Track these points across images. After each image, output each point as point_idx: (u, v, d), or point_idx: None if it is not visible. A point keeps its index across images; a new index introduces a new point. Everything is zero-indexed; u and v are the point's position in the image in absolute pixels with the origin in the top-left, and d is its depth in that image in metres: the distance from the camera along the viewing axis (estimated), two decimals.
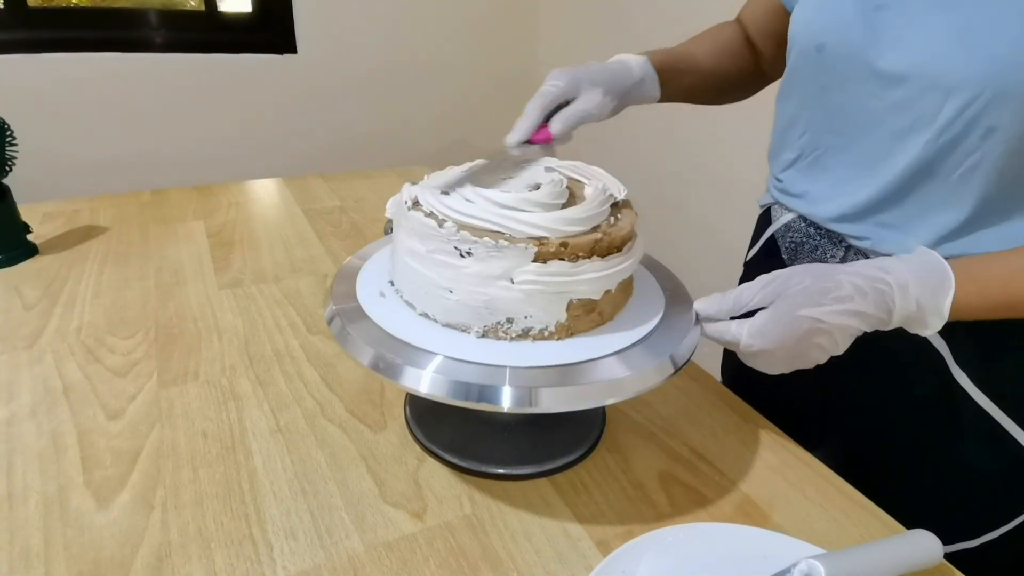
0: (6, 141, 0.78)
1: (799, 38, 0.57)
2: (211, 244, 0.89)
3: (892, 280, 0.44)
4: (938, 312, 0.44)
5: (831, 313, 0.43)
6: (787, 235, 0.65)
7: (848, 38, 0.51)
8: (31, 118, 1.36)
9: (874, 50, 0.50)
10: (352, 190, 1.13)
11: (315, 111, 1.97)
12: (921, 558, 0.40)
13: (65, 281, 0.77)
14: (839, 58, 0.52)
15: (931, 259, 0.45)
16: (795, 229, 0.63)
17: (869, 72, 0.50)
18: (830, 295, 0.43)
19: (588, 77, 0.58)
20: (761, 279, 0.46)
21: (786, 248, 0.65)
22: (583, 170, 0.54)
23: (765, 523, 0.48)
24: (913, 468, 0.58)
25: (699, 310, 0.49)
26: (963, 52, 0.45)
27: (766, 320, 0.45)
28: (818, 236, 0.61)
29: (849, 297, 0.43)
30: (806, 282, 0.44)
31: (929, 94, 0.47)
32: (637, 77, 0.62)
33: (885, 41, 0.49)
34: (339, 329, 0.47)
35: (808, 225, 0.62)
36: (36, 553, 0.43)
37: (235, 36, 1.85)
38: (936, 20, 0.46)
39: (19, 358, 0.63)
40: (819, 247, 0.61)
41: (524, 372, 0.42)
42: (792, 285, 0.45)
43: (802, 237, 0.62)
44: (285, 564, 0.43)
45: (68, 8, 1.72)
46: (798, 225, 0.63)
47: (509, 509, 0.48)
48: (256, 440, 0.54)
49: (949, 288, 0.43)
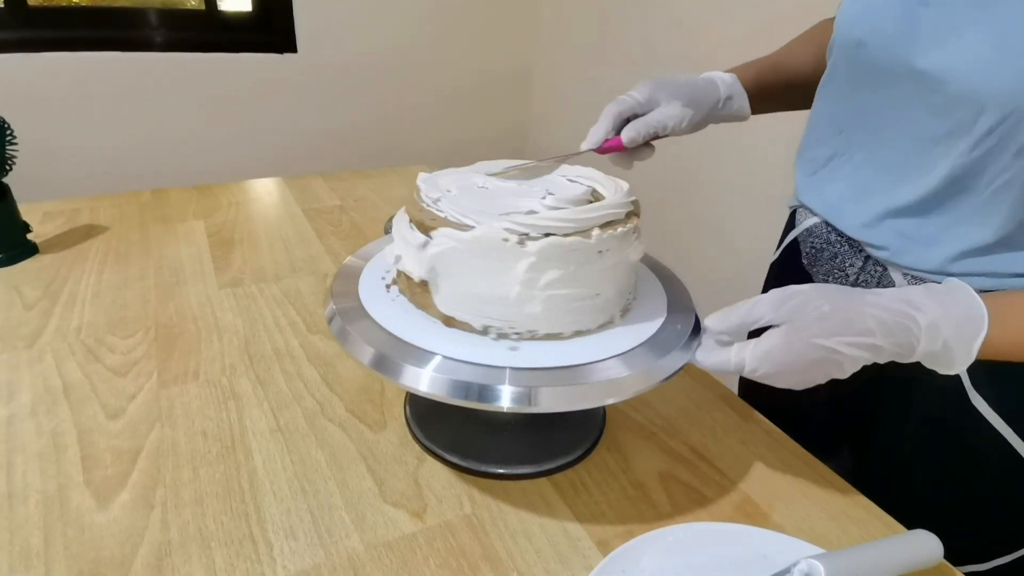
0: (6, 140, 0.78)
1: (841, 32, 0.55)
2: (211, 243, 0.89)
3: (921, 319, 0.40)
4: (966, 354, 0.40)
5: (848, 345, 0.40)
6: (808, 240, 0.63)
7: (888, 33, 0.49)
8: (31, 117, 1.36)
9: (914, 48, 0.47)
10: (352, 189, 1.13)
11: (315, 111, 1.97)
12: (921, 558, 0.40)
13: (65, 280, 0.77)
14: (879, 54, 0.51)
15: (964, 296, 0.41)
16: (816, 234, 0.62)
17: (908, 71, 0.48)
18: (850, 327, 0.40)
19: (670, 89, 0.58)
20: (774, 296, 0.43)
21: (806, 253, 0.64)
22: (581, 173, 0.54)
23: (765, 523, 0.48)
24: (926, 487, 0.56)
25: (708, 326, 0.46)
26: (998, 62, 0.43)
27: (775, 344, 0.41)
28: (839, 243, 0.59)
29: (870, 331, 0.40)
30: (824, 308, 0.41)
31: (966, 102, 0.45)
32: (723, 95, 0.61)
33: (925, 39, 0.47)
34: (339, 328, 0.47)
35: (830, 231, 0.60)
36: (36, 552, 0.43)
37: (235, 35, 1.85)
38: (975, 23, 0.44)
39: (19, 357, 0.63)
40: (839, 255, 0.59)
41: (524, 372, 0.42)
42: (808, 309, 0.41)
43: (822, 243, 0.61)
44: (285, 563, 0.43)
45: (68, 7, 1.71)
46: (820, 230, 0.61)
47: (509, 509, 0.48)
48: (256, 439, 0.54)
49: (981, 330, 0.40)
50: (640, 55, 1.75)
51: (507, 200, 0.46)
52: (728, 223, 1.58)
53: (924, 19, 0.47)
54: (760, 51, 0.69)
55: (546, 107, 2.27)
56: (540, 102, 2.30)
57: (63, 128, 1.67)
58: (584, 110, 2.16)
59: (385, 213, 1.03)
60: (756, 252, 1.54)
